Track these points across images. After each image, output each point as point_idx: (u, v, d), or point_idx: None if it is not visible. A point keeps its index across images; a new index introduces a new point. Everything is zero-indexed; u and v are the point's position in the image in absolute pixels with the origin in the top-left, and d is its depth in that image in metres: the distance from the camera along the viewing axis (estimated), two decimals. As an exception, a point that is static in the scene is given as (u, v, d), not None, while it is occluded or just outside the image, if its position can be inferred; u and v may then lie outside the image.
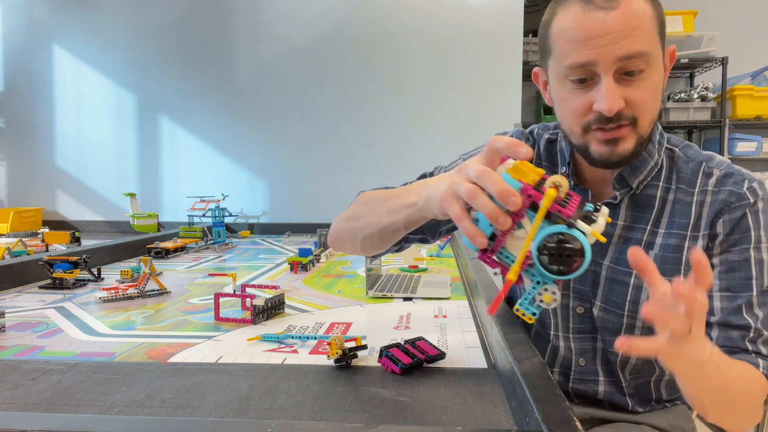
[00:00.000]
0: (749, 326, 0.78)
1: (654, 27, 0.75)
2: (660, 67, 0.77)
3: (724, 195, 0.80)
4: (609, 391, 0.91)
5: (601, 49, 0.72)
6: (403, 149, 2.96)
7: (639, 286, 0.83)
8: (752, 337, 0.78)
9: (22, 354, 0.89)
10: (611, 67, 0.73)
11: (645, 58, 0.73)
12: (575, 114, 0.78)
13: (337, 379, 0.75)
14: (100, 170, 3.11)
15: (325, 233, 2.10)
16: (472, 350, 0.89)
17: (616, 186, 0.85)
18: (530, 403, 0.55)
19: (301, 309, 1.19)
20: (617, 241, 0.87)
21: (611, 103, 0.72)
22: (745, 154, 3.32)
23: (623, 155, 0.77)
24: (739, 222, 0.79)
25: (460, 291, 1.37)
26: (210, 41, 3.02)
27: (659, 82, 0.78)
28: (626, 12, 0.72)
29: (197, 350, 0.90)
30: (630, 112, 0.75)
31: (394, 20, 2.93)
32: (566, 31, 0.75)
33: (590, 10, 0.73)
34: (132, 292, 1.29)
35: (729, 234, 0.79)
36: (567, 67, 0.76)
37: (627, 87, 0.74)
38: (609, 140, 0.76)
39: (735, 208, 0.79)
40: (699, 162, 0.84)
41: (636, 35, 0.72)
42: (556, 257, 0.53)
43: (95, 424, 0.54)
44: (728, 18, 3.37)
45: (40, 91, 3.12)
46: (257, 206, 3.04)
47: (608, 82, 0.73)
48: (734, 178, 0.81)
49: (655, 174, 0.85)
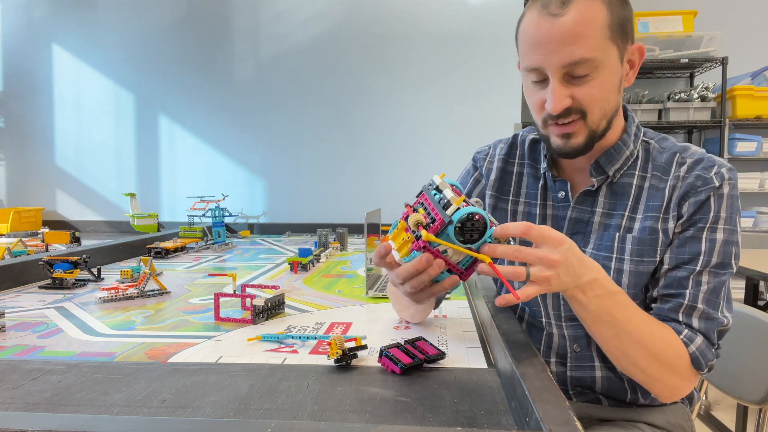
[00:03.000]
0: (684, 297, 0.82)
1: (603, 31, 0.78)
2: (612, 67, 0.81)
3: (691, 179, 0.85)
4: (606, 377, 0.94)
5: (548, 55, 0.79)
6: (403, 149, 2.96)
7: (620, 269, 0.88)
8: (686, 309, 0.83)
9: (22, 354, 0.89)
10: (557, 72, 0.79)
11: (590, 63, 0.78)
12: (535, 109, 0.87)
13: (337, 379, 0.75)
14: (100, 170, 3.12)
15: (325, 233, 2.11)
16: (472, 350, 0.89)
17: (593, 173, 0.91)
18: (530, 403, 0.55)
19: (301, 309, 1.19)
20: (597, 228, 0.92)
21: (555, 104, 0.80)
22: (745, 154, 3.32)
23: (575, 147, 0.85)
24: (702, 204, 0.84)
25: (460, 291, 1.37)
26: (210, 41, 3.02)
27: (611, 81, 0.82)
28: (573, 20, 0.77)
29: (197, 350, 0.90)
30: (578, 107, 0.82)
31: (393, 21, 2.93)
32: (524, 34, 0.83)
33: (543, 16, 0.79)
34: (132, 292, 1.29)
35: (692, 215, 0.84)
36: (524, 68, 0.85)
37: (575, 86, 0.80)
38: (562, 134, 0.84)
39: (700, 191, 0.84)
40: (673, 152, 0.89)
41: (580, 42, 0.77)
42: (466, 233, 0.71)
43: (95, 424, 0.54)
44: (728, 18, 3.37)
45: (40, 91, 3.12)
46: (257, 206, 3.04)
47: (554, 84, 0.80)
48: (703, 163, 0.86)
49: (632, 163, 0.90)
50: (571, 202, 0.94)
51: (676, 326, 0.82)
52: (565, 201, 0.95)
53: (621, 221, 0.89)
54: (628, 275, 0.87)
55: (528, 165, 1.01)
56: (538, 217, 0.98)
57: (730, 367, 1.30)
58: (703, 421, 1.58)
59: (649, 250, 0.86)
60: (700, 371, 0.82)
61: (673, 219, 0.85)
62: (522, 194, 1.00)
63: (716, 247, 0.83)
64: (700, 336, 0.81)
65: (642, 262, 0.86)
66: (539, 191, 0.98)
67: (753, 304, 2.15)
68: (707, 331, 0.82)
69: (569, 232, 0.94)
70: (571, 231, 0.94)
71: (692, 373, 0.82)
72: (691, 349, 0.80)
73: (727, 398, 0.86)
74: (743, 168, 3.46)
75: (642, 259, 0.86)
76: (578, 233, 0.94)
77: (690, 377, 0.82)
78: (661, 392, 0.84)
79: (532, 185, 1.00)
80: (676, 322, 0.83)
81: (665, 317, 0.84)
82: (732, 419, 1.42)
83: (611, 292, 0.77)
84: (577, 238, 0.93)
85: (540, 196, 0.98)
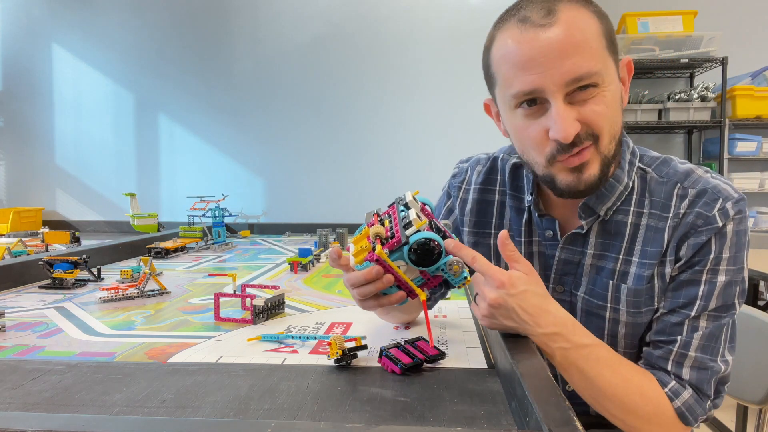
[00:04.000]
0: (675, 344, 0.74)
1: (601, 41, 0.68)
2: (615, 82, 0.71)
3: (691, 218, 0.74)
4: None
5: (546, 72, 0.66)
6: (403, 149, 2.96)
7: (615, 319, 0.81)
8: (677, 357, 0.74)
9: (22, 354, 0.89)
10: (560, 91, 0.67)
11: (596, 77, 0.67)
12: (535, 145, 0.73)
13: (337, 379, 0.75)
14: (100, 170, 3.11)
15: (325, 233, 2.11)
16: (472, 350, 0.89)
17: (581, 215, 0.80)
18: (530, 403, 0.55)
19: (301, 309, 1.19)
20: (589, 270, 0.83)
21: (566, 130, 0.67)
22: (745, 154, 3.33)
23: (590, 182, 0.73)
24: (703, 246, 0.74)
25: (460, 291, 1.37)
26: (210, 41, 3.02)
27: (616, 97, 0.72)
28: (568, 27, 0.66)
29: (197, 350, 0.89)
30: (589, 130, 0.70)
31: (393, 21, 2.93)
32: (506, 55, 0.70)
33: (528, 29, 0.67)
34: (132, 292, 1.29)
35: (691, 257, 0.75)
36: (513, 96, 0.71)
37: (581, 106, 0.69)
38: (574, 168, 0.72)
39: (701, 232, 0.74)
40: (674, 183, 0.78)
41: (581, 53, 0.66)
42: (419, 256, 0.74)
43: (95, 424, 0.53)
44: (728, 18, 3.37)
45: (40, 91, 3.12)
46: (257, 206, 3.04)
47: (558, 107, 0.67)
48: (707, 197, 0.74)
49: (626, 198, 0.79)
50: (560, 242, 0.84)
51: (662, 377, 0.75)
52: (553, 240, 0.85)
53: (615, 265, 0.80)
54: (625, 326, 0.80)
55: (510, 196, 0.90)
56: (524, 255, 0.87)
57: (730, 367, 1.30)
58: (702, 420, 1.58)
59: (647, 299, 0.78)
60: (689, 426, 0.74)
61: (670, 263, 0.76)
62: (505, 228, 0.90)
63: (716, 290, 0.74)
64: (689, 389, 0.73)
65: (639, 313, 0.79)
66: (523, 227, 0.88)
67: (753, 304, 2.15)
68: (699, 382, 0.74)
69: (558, 274, 0.86)
70: (561, 272, 0.86)
71: (680, 426, 0.74)
72: (676, 404, 0.73)
73: (727, 398, 0.84)
74: (743, 168, 3.46)
75: (639, 311, 0.79)
76: (568, 274, 0.85)
77: (678, 429, 0.74)
78: None
79: (516, 220, 0.89)
80: (665, 372, 0.75)
81: (653, 364, 0.76)
82: (732, 419, 1.42)
83: (579, 345, 0.71)
84: (567, 279, 0.86)
85: (525, 233, 0.88)
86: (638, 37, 3.17)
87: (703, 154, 3.63)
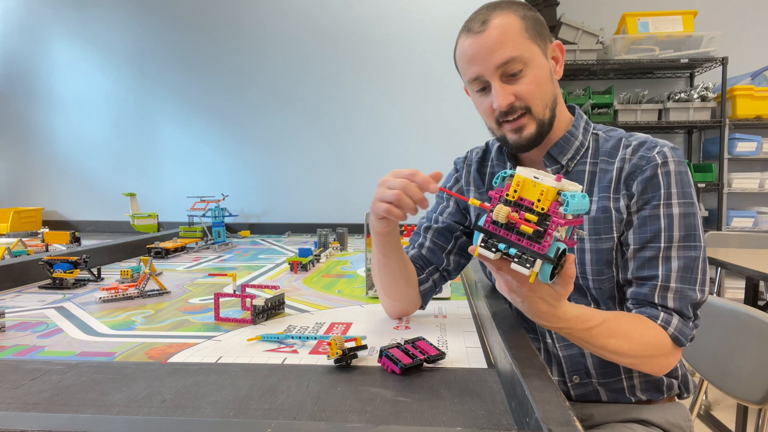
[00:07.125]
0: (657, 278, 0.87)
1: (522, 34, 0.91)
2: (540, 62, 0.93)
3: (635, 159, 0.92)
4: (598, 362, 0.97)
5: (483, 62, 0.91)
6: (403, 149, 2.96)
7: (581, 248, 0.94)
8: (660, 290, 0.87)
9: (22, 354, 0.89)
10: (495, 74, 0.91)
11: (518, 59, 0.90)
12: (487, 114, 0.97)
13: (337, 379, 0.75)
14: (100, 170, 3.11)
15: (325, 233, 2.11)
16: (472, 350, 0.89)
17: (546, 163, 1.00)
18: (530, 403, 0.55)
19: (301, 309, 1.19)
20: None
21: (501, 100, 0.91)
22: (745, 154, 3.33)
23: (529, 138, 0.94)
24: (650, 181, 0.89)
25: (460, 291, 1.37)
26: (210, 41, 3.02)
27: (543, 73, 0.93)
28: (494, 30, 0.90)
29: (197, 350, 0.90)
30: (521, 103, 0.92)
31: (393, 21, 2.93)
32: (461, 56, 0.96)
33: (470, 36, 0.93)
34: (132, 292, 1.29)
35: (642, 193, 0.90)
36: (468, 82, 0.97)
37: (514, 84, 0.91)
38: (515, 129, 0.94)
39: (645, 169, 0.90)
40: (619, 138, 0.97)
41: (505, 45, 0.89)
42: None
43: (95, 424, 0.54)
44: (728, 18, 3.37)
45: (40, 91, 3.12)
46: (257, 206, 3.04)
47: (495, 85, 0.92)
48: (647, 144, 0.93)
49: (583, 153, 0.99)
50: None
51: (652, 311, 0.87)
52: None
53: None
54: (590, 253, 0.94)
55: (497, 165, 1.12)
56: None
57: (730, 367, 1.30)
58: (703, 421, 1.58)
59: (605, 227, 0.93)
60: (682, 347, 0.87)
61: (624, 198, 0.92)
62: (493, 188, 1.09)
63: (675, 222, 0.88)
64: (675, 315, 0.86)
65: (600, 239, 0.93)
66: None
67: (753, 304, 2.15)
68: (681, 308, 0.87)
69: None
70: None
71: (676, 349, 0.87)
72: (670, 330, 0.85)
73: (727, 398, 0.86)
74: (743, 168, 3.46)
75: (600, 237, 0.93)
76: None
77: (675, 353, 0.87)
78: (650, 372, 0.89)
79: None
80: (652, 306, 0.88)
81: (642, 301, 0.89)
82: (732, 419, 1.42)
83: (583, 329, 0.79)
84: None
85: None
86: (638, 37, 3.17)
87: (703, 154, 3.63)
